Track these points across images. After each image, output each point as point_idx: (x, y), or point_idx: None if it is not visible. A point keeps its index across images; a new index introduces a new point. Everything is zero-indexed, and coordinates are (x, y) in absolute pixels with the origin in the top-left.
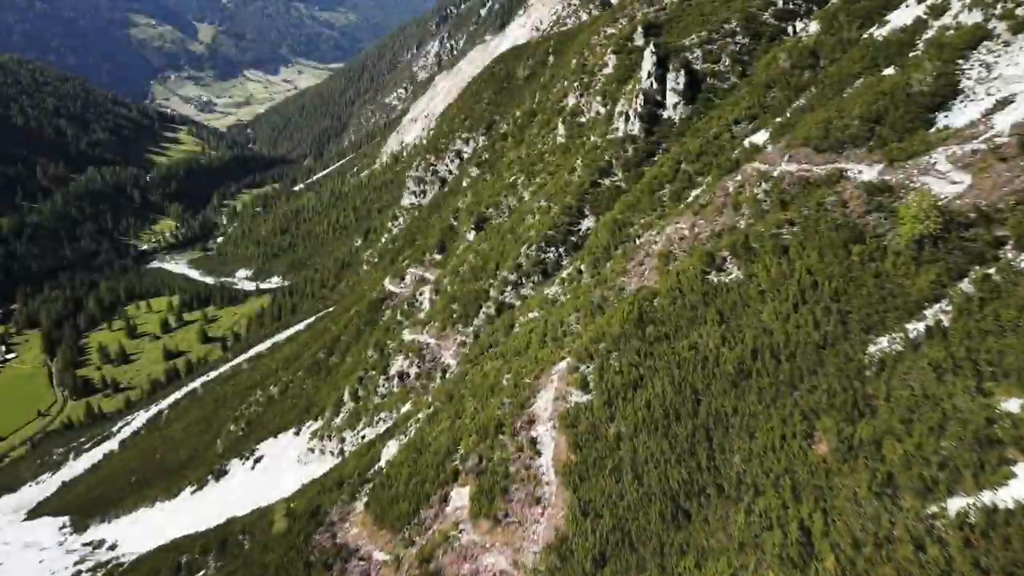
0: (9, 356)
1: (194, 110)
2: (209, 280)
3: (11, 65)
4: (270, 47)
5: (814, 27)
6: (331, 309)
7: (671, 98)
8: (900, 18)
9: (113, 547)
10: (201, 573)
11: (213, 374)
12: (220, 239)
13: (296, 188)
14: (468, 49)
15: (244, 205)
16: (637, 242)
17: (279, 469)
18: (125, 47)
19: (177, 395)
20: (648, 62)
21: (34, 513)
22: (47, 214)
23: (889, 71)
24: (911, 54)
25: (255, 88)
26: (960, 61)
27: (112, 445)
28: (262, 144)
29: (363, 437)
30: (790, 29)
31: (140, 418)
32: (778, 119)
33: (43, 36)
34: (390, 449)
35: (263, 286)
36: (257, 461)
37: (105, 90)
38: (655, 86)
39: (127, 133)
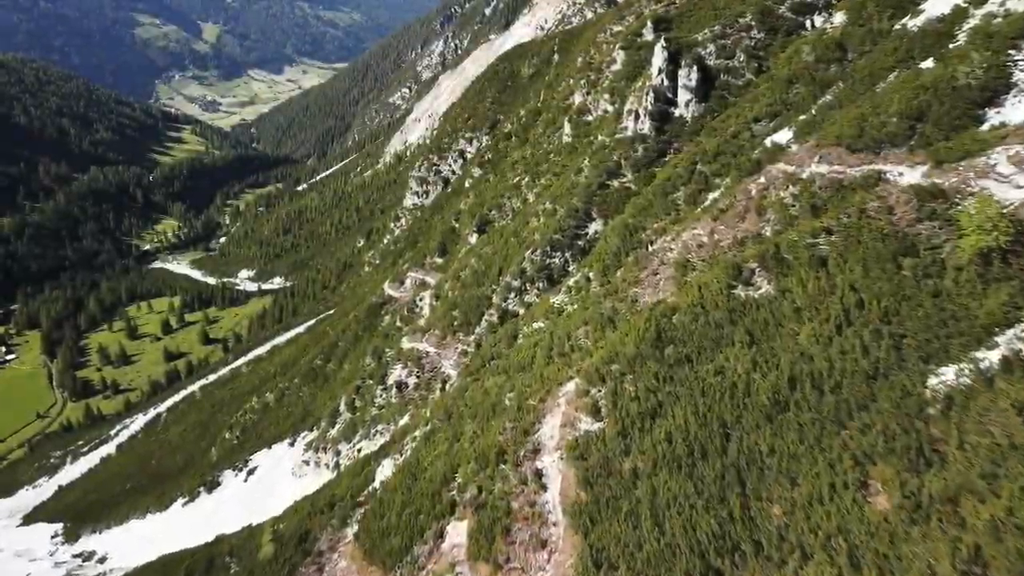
0: (9, 357)
1: (198, 109)
2: (211, 280)
3: (14, 64)
4: (274, 47)
5: (840, 18)
6: (331, 312)
7: (683, 95)
8: (935, 7)
9: (103, 560)
10: None
11: (212, 377)
12: (223, 239)
13: (299, 188)
14: (472, 48)
15: (247, 205)
16: (650, 249)
17: (272, 481)
18: (129, 47)
19: (176, 398)
20: (658, 58)
21: (30, 518)
22: (49, 214)
23: (927, 64)
24: (951, 45)
25: (259, 88)
26: (1012, 52)
27: (110, 449)
28: (266, 144)
29: (359, 450)
30: (808, 23)
31: (138, 421)
32: (802, 116)
33: (47, 35)
34: (385, 469)
35: (265, 287)
36: (250, 473)
37: (109, 89)
38: (666, 83)
39: (130, 132)
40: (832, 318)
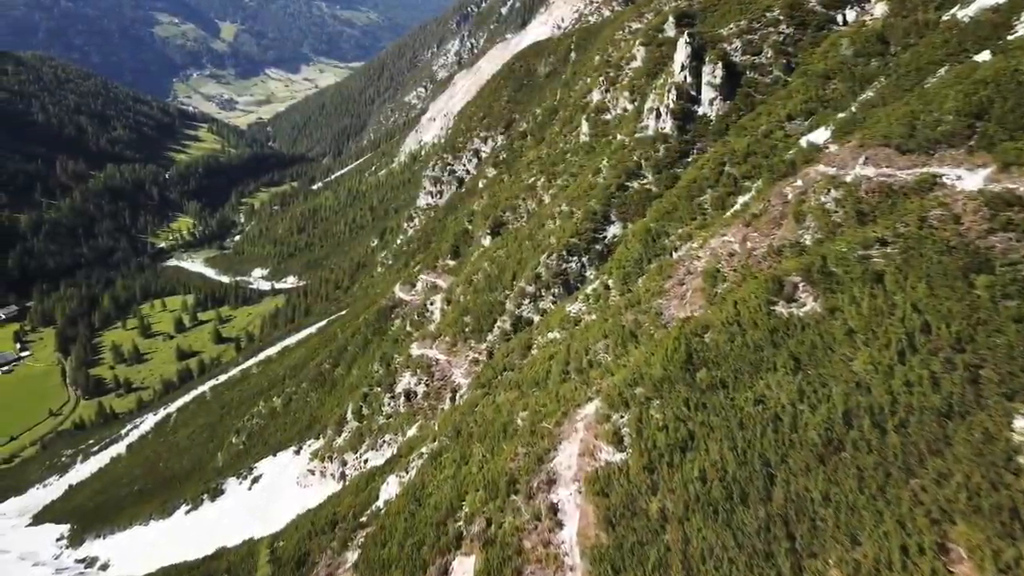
0: (24, 354)
1: (215, 108)
2: (225, 279)
3: (33, 62)
4: (291, 45)
5: (880, 8)
6: (343, 312)
7: (707, 93)
8: None
9: (104, 567)
10: None
11: (223, 377)
12: (237, 237)
13: (314, 187)
14: (488, 47)
15: (262, 203)
16: (675, 256)
17: (276, 490)
18: (148, 45)
19: (186, 398)
20: (681, 54)
21: (39, 518)
22: (65, 211)
23: (984, 56)
24: (1011, 36)
25: (276, 86)
26: None
27: (120, 448)
28: (282, 142)
29: (365, 461)
30: (840, 17)
31: (148, 421)
32: (841, 115)
33: (67, 34)
34: (390, 487)
35: (278, 286)
36: (255, 481)
37: (127, 88)
38: (689, 80)
39: (147, 130)
40: (893, 343)
